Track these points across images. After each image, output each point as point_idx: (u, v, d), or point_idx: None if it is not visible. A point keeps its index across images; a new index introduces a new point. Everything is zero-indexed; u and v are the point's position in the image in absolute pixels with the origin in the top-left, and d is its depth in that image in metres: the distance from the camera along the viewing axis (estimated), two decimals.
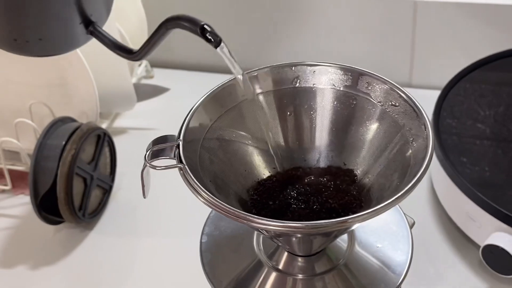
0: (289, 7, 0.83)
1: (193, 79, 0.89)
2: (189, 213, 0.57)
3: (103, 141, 0.68)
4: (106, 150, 0.70)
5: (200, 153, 0.40)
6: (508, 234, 0.55)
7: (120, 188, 0.72)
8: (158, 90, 0.82)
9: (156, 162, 0.38)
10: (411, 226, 0.45)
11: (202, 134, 0.41)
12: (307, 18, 0.83)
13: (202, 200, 0.35)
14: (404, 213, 0.46)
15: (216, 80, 0.44)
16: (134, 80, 0.85)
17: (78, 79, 0.70)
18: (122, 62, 0.74)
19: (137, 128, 0.81)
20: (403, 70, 0.83)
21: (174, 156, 0.38)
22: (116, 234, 0.67)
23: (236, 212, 0.34)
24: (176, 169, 0.37)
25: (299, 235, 0.39)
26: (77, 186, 0.64)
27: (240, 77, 0.41)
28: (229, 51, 0.40)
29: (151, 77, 0.89)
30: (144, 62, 0.88)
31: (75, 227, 0.67)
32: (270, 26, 0.86)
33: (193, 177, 0.36)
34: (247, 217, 0.34)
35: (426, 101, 0.67)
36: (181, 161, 0.37)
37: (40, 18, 0.40)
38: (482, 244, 0.57)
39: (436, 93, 0.68)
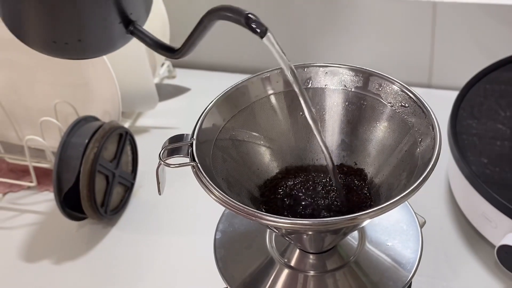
0: (306, 7, 0.84)
1: (214, 79, 0.90)
2: (207, 210, 0.58)
3: (125, 139, 0.69)
4: (128, 148, 0.71)
5: (213, 152, 0.41)
6: None
7: (141, 186, 0.73)
8: (179, 90, 0.84)
9: (171, 160, 0.40)
10: (422, 225, 0.46)
11: (216, 134, 0.42)
12: (325, 18, 0.84)
13: (214, 197, 0.36)
14: (415, 212, 0.46)
15: (236, 80, 0.45)
16: (156, 80, 0.87)
17: (101, 79, 0.72)
18: (144, 63, 0.75)
19: (158, 127, 0.82)
20: (423, 71, 0.83)
21: (188, 155, 0.39)
22: (137, 230, 0.68)
23: (246, 209, 0.35)
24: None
25: (309, 232, 0.40)
26: (100, 183, 0.65)
27: (287, 71, 0.39)
28: (276, 41, 0.38)
29: (174, 77, 0.91)
30: (167, 63, 0.90)
31: (98, 223, 0.69)
32: (287, 26, 0.87)
33: (205, 175, 0.37)
34: (256, 214, 0.35)
35: (446, 102, 0.68)
36: (194, 160, 0.38)
37: (78, 19, 0.39)
38: (498, 244, 0.57)
39: (456, 94, 0.68)
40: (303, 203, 0.43)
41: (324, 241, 0.42)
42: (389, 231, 0.45)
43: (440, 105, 0.70)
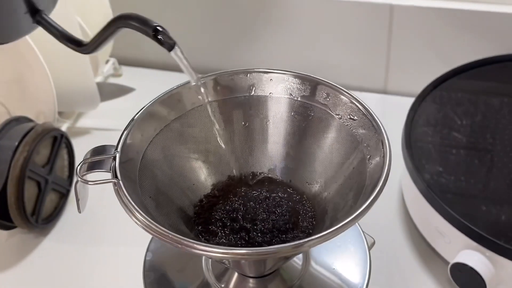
0: (262, 9, 0.80)
1: (161, 78, 0.86)
2: None
3: (59, 142, 0.65)
4: (64, 152, 0.67)
5: (141, 167, 0.37)
6: (478, 252, 0.53)
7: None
8: (123, 90, 0.79)
9: (93, 175, 0.35)
10: (371, 246, 0.42)
11: (145, 146, 0.38)
12: (280, 22, 0.81)
13: (135, 221, 0.32)
14: (364, 232, 0.43)
15: (184, 81, 0.42)
16: (100, 78, 0.82)
17: (35, 76, 0.67)
18: (84, 60, 0.70)
19: (101, 129, 0.78)
20: (378, 76, 0.81)
21: (111, 169, 0.35)
22: (72, 241, 0.64)
23: (171, 236, 0.31)
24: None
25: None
26: (30, 190, 0.61)
27: (194, 83, 0.39)
28: (183, 55, 0.37)
29: (119, 75, 0.86)
30: (112, 60, 0.85)
31: (28, 232, 0.64)
32: (241, 28, 0.83)
33: (127, 195, 0.33)
34: (183, 241, 0.31)
35: (402, 109, 0.67)
36: (116, 176, 0.34)
37: None
38: (452, 260, 0.54)
39: (412, 101, 0.66)
40: (242, 223, 0.39)
41: (265, 266, 0.38)
42: (335, 252, 0.42)
43: (395, 112, 0.70)
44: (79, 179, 0.34)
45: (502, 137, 0.63)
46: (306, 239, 0.31)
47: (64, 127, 0.74)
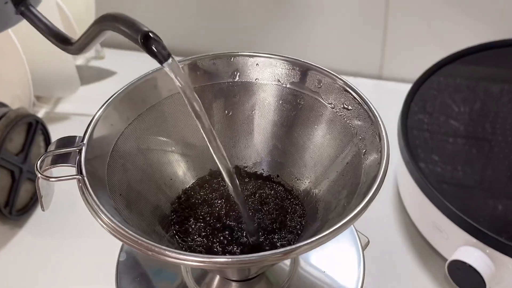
0: None
1: (146, 62, 0.82)
2: None
3: (35, 129, 0.62)
4: (40, 139, 0.64)
5: (110, 160, 0.33)
6: (478, 249, 0.51)
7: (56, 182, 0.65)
8: (104, 74, 0.76)
9: (57, 169, 0.32)
10: (365, 247, 0.39)
11: (116, 137, 0.34)
12: (269, 3, 0.78)
13: (101, 223, 0.29)
14: (357, 231, 0.40)
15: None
16: (81, 61, 0.79)
17: (8, 59, 0.64)
18: None
19: (81, 114, 0.75)
20: (374, 61, 0.79)
21: (75, 164, 0.31)
22: (48, 233, 0.62)
23: (140, 242, 0.27)
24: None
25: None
26: (3, 180, 0.58)
27: (192, 108, 0.32)
28: (181, 69, 0.31)
29: (102, 58, 0.83)
30: None
31: (2, 224, 0.62)
32: (229, 9, 0.81)
33: (92, 193, 0.29)
34: (154, 248, 0.27)
35: (397, 95, 0.65)
36: (80, 172, 0.30)
37: None
38: (449, 258, 0.52)
39: (408, 87, 0.64)
40: (224, 222, 0.35)
41: (249, 270, 0.35)
42: (326, 253, 0.38)
43: (391, 98, 0.68)
44: (39, 175, 0.30)
45: (502, 126, 0.61)
46: (294, 246, 0.28)
47: (42, 112, 0.71)
